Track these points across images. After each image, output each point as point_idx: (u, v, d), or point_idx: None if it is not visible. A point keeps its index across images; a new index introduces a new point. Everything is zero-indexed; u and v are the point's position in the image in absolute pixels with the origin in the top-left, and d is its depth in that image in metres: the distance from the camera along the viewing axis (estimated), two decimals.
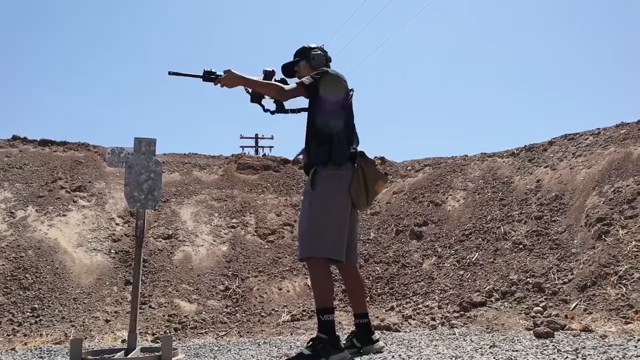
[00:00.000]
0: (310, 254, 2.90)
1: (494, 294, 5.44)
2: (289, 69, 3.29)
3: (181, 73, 3.18)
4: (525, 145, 8.82)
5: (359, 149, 3.08)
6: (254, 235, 7.76)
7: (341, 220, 2.97)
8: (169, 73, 3.18)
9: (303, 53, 3.25)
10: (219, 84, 3.08)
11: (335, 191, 2.94)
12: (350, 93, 3.15)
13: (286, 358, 3.22)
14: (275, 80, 3.18)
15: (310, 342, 2.89)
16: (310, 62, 3.21)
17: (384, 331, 4.90)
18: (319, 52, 3.23)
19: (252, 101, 3.26)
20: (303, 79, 3.04)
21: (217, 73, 3.15)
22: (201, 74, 3.16)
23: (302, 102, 3.31)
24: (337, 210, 2.95)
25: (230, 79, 3.04)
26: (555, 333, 3.98)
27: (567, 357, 2.92)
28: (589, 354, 2.97)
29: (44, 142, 9.32)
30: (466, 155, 9.34)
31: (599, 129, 8.16)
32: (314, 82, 2.98)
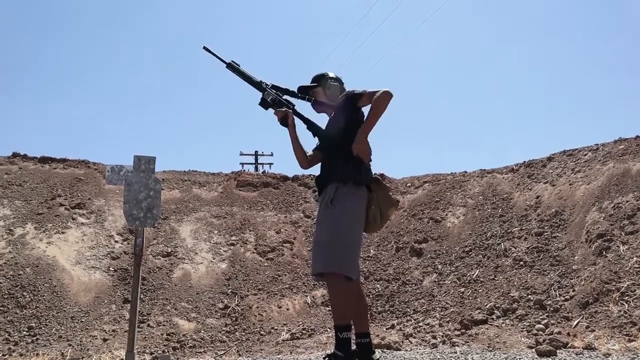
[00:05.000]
0: (331, 270, 2.89)
1: (495, 311, 5.40)
2: (304, 91, 3.34)
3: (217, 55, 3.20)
4: (525, 161, 8.84)
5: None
6: (254, 252, 7.73)
7: (359, 239, 3.02)
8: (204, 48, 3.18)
9: (321, 80, 3.32)
10: (275, 112, 3.16)
11: (356, 209, 3.00)
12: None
13: None
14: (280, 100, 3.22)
15: (327, 359, 2.88)
16: (325, 90, 3.26)
17: (385, 350, 4.85)
18: (336, 83, 3.31)
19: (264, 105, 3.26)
20: (368, 92, 3.00)
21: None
22: (227, 61, 3.21)
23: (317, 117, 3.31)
24: (357, 228, 3.00)
25: (286, 118, 3.14)
26: (558, 351, 3.94)
27: None
28: None
29: (44, 159, 9.34)
30: (465, 172, 9.36)
31: (597, 144, 8.20)
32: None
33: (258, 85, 3.27)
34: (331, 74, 3.32)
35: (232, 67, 3.26)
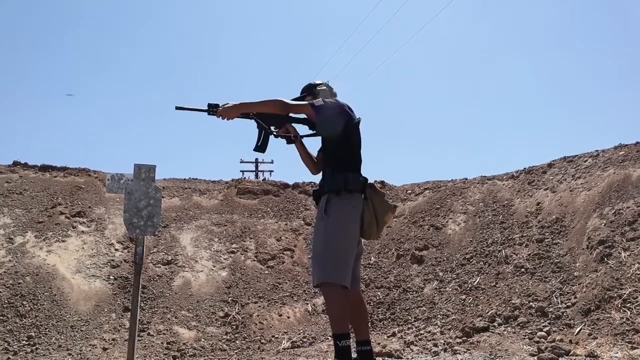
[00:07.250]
0: (325, 280, 2.90)
1: (496, 318, 5.38)
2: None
3: (187, 107, 3.16)
4: (525, 168, 8.83)
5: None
6: (254, 260, 7.71)
7: (351, 248, 3.00)
8: (176, 108, 3.16)
9: (309, 89, 3.35)
10: (220, 117, 3.08)
11: (348, 219, 2.99)
12: (359, 120, 3.20)
13: None
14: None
15: None
16: (315, 97, 3.26)
17: (386, 358, 4.83)
18: (324, 87, 3.34)
19: (260, 133, 3.22)
20: (313, 101, 3.06)
21: (220, 105, 3.11)
22: (206, 108, 3.11)
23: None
24: (349, 237, 2.98)
25: (228, 109, 3.06)
26: (560, 359, 3.92)
27: None
28: None
29: (45, 168, 9.35)
30: (466, 179, 9.35)
31: (597, 150, 8.19)
32: (323, 106, 3.01)
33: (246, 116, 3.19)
34: (318, 81, 3.37)
35: (211, 108, 3.10)
